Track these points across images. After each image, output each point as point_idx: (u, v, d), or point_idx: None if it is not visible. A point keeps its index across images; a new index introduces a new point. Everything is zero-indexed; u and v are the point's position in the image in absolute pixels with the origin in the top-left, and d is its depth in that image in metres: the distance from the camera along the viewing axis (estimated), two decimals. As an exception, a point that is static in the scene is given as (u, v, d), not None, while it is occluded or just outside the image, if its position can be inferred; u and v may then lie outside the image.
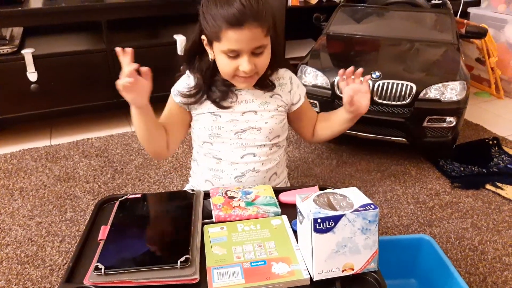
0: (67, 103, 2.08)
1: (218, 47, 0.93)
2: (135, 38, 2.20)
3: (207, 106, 1.03)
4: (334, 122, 1.13)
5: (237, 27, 0.87)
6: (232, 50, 0.91)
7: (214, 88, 1.02)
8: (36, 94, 1.98)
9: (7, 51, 1.92)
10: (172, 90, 1.07)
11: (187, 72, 1.05)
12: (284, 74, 1.09)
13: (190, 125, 1.10)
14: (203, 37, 0.97)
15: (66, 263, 1.34)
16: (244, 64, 0.92)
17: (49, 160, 1.89)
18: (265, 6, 0.91)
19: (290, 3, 2.70)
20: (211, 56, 0.98)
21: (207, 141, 1.06)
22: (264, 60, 0.96)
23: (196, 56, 1.02)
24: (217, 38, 0.91)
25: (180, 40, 2.10)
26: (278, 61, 1.04)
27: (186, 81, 1.05)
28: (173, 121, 1.07)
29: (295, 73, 1.97)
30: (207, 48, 0.98)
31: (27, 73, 1.94)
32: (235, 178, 1.06)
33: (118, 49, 0.88)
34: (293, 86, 1.09)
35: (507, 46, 2.62)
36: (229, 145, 1.05)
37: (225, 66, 0.95)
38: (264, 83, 1.04)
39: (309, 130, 1.18)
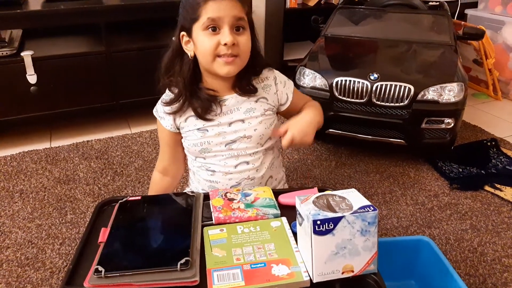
0: (66, 105, 2.08)
1: (198, 27, 0.92)
2: (134, 40, 2.21)
3: (193, 122, 1.03)
4: None
5: None
6: (212, 19, 0.90)
7: (197, 96, 1.01)
8: (36, 96, 1.99)
9: (7, 53, 1.92)
10: (154, 112, 1.09)
11: (167, 90, 1.05)
12: (268, 74, 1.07)
13: None
14: (182, 33, 0.97)
15: (66, 266, 1.34)
16: (225, 34, 0.91)
17: (49, 162, 1.90)
18: None
19: (288, 5, 2.71)
20: (191, 53, 0.97)
21: (199, 156, 1.07)
22: (246, 41, 0.95)
23: (176, 60, 1.01)
24: (196, 16, 0.91)
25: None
26: (259, 64, 1.03)
27: (166, 98, 1.05)
28: (171, 145, 1.11)
29: (294, 75, 1.99)
30: (187, 47, 0.98)
31: (26, 75, 1.94)
32: (230, 187, 1.06)
33: None
34: (278, 87, 1.06)
35: (504, 48, 2.63)
36: (221, 156, 1.04)
37: (205, 44, 0.92)
38: (247, 89, 1.02)
39: None
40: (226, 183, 1.06)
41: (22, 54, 1.93)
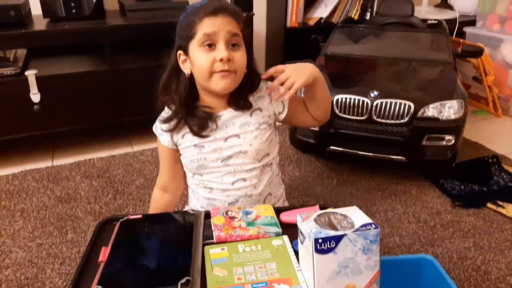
0: (69, 124, 2.09)
1: (194, 44, 0.94)
2: (137, 60, 2.23)
3: (190, 139, 1.04)
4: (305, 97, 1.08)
5: (212, 15, 0.93)
6: (207, 35, 0.92)
7: (193, 115, 1.02)
8: (39, 115, 2.00)
9: (11, 72, 1.94)
10: (154, 129, 1.10)
11: (166, 108, 1.06)
12: (261, 85, 1.07)
13: None
14: (179, 52, 0.99)
15: (66, 286, 1.33)
16: (220, 50, 0.93)
17: (51, 181, 1.90)
18: (238, 10, 0.98)
19: (288, 24, 2.75)
20: (187, 72, 0.99)
21: (196, 172, 1.07)
22: (241, 57, 0.96)
23: (173, 78, 1.02)
24: (192, 33, 0.94)
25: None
26: (254, 80, 1.04)
27: (165, 115, 1.06)
28: (171, 161, 1.12)
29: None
30: (183, 65, 1.00)
31: (30, 94, 1.96)
32: (228, 204, 1.06)
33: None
34: (271, 96, 1.06)
35: (503, 65, 2.65)
36: (218, 173, 1.04)
37: (201, 60, 0.94)
38: (241, 104, 1.03)
39: (308, 119, 1.11)
40: (224, 200, 1.06)
41: (26, 73, 1.95)
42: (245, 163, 1.04)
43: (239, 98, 1.02)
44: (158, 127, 1.08)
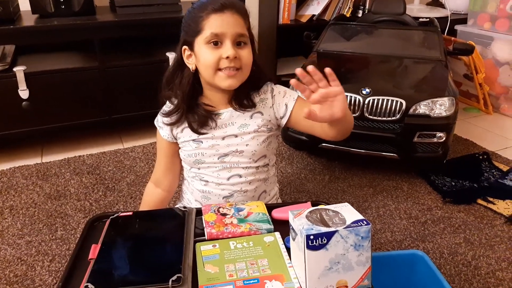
0: (58, 120, 2.07)
1: (201, 40, 0.94)
2: (128, 56, 2.21)
3: (189, 133, 1.04)
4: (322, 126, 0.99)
5: (219, 12, 0.92)
6: (214, 34, 0.92)
7: (194, 111, 1.02)
8: (28, 111, 1.97)
9: (-1, 68, 1.92)
10: (155, 122, 1.10)
11: (167, 102, 1.06)
12: (265, 88, 1.06)
13: None
14: (184, 47, 0.99)
15: (56, 283, 1.31)
16: (227, 48, 0.93)
17: (40, 177, 1.87)
18: (245, 7, 0.98)
19: (281, 21, 2.74)
20: (192, 67, 0.99)
21: (193, 166, 1.08)
22: (247, 55, 0.96)
23: (177, 73, 1.02)
24: (199, 29, 0.94)
25: (173, 58, 2.11)
26: (259, 78, 1.04)
27: (167, 109, 1.06)
28: (168, 155, 1.12)
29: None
30: (188, 60, 1.00)
31: (18, 90, 1.93)
32: (223, 198, 1.06)
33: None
34: (275, 99, 1.05)
35: (494, 63, 2.67)
36: (214, 168, 1.05)
37: (207, 57, 0.94)
38: (244, 103, 1.02)
39: (317, 130, 1.01)
40: (219, 193, 1.06)
41: (14, 69, 1.92)
42: (241, 162, 1.04)
43: (242, 97, 1.02)
44: (159, 120, 1.08)
